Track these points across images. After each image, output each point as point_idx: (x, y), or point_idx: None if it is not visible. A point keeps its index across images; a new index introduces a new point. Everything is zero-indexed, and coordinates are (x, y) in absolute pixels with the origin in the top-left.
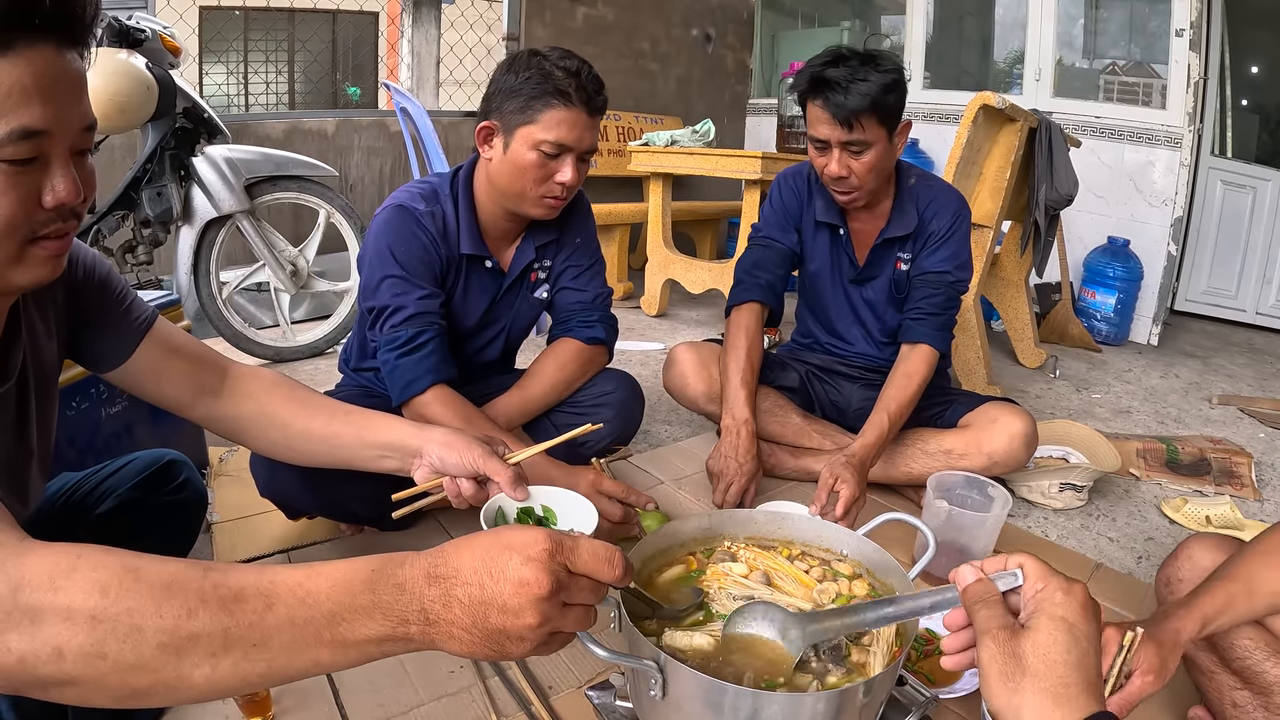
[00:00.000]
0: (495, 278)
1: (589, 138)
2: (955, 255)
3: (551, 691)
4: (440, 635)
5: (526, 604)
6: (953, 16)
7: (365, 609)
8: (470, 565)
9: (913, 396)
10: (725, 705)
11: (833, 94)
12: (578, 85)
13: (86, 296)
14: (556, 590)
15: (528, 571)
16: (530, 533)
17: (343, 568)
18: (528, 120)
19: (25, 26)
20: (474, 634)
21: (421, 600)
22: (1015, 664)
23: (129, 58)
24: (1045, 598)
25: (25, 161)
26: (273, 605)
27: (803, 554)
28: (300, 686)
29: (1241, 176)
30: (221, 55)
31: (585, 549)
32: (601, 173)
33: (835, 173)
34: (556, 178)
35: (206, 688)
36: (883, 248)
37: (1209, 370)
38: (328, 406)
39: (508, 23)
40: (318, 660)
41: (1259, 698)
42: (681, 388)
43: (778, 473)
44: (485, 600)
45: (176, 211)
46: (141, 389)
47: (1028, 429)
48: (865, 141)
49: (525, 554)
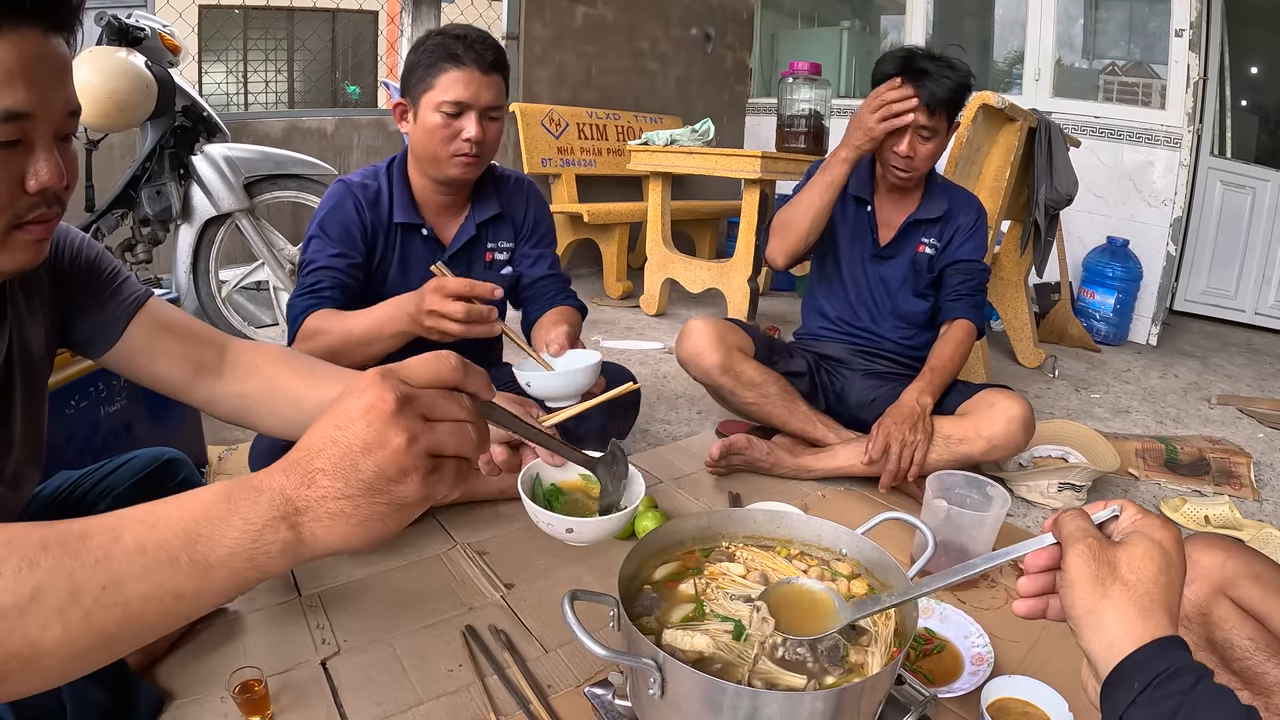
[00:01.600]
0: (434, 248)
1: (486, 94)
2: (981, 247)
3: (550, 690)
4: (317, 521)
5: (383, 426)
6: (952, 16)
7: (222, 518)
8: (318, 435)
9: (953, 354)
10: (724, 704)
11: (924, 80)
12: (465, 45)
13: (74, 280)
14: (405, 401)
15: (366, 398)
16: (360, 380)
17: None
18: (428, 87)
19: (12, 10)
20: (352, 497)
21: (283, 491)
22: (1109, 570)
23: (128, 56)
24: (1145, 524)
25: (9, 145)
26: (119, 537)
27: (801, 554)
28: (300, 685)
29: (1241, 177)
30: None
31: (413, 360)
32: (601, 172)
33: (905, 151)
34: (462, 135)
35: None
36: (910, 229)
37: (1208, 370)
38: (343, 375)
39: (507, 22)
40: (179, 591)
41: (1260, 699)
42: (695, 356)
43: (776, 472)
44: (345, 452)
45: (176, 210)
46: (136, 371)
47: (1025, 413)
48: (934, 130)
49: (357, 389)
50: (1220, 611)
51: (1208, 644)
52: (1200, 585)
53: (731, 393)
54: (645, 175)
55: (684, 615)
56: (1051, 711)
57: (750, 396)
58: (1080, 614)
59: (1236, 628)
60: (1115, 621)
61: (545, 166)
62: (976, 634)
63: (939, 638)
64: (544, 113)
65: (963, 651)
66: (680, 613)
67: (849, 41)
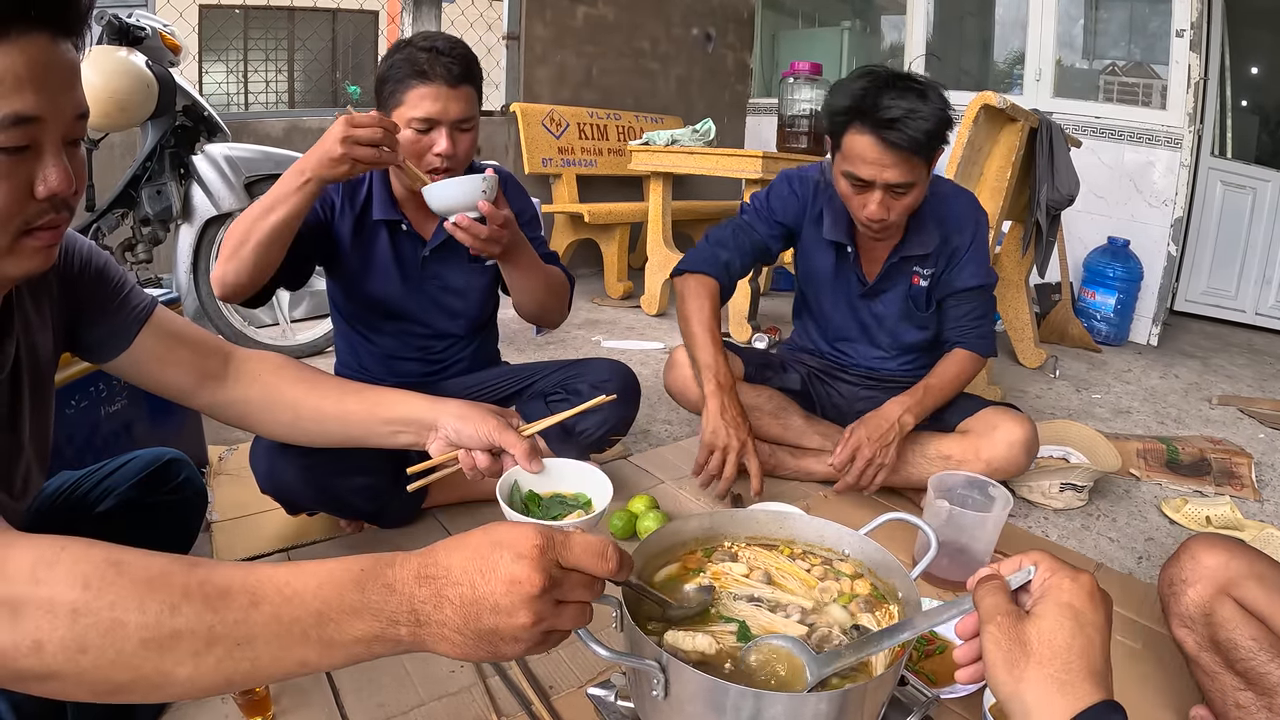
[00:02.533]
0: (415, 243)
1: (454, 108)
2: (980, 266)
3: (552, 691)
4: (431, 637)
5: (519, 602)
6: (953, 17)
7: (354, 609)
8: (461, 565)
9: (954, 377)
10: (727, 706)
11: (888, 130)
12: (432, 59)
13: (82, 287)
14: (549, 588)
15: (519, 569)
16: (521, 529)
17: (330, 566)
18: (398, 103)
19: (20, 15)
20: (466, 634)
21: (412, 601)
22: (1020, 650)
23: (129, 56)
24: (1052, 585)
25: (18, 150)
26: (258, 603)
27: (804, 553)
28: (300, 686)
29: (1241, 177)
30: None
31: (578, 544)
32: (602, 172)
33: (876, 215)
34: (433, 150)
35: (189, 685)
36: (898, 265)
37: (1209, 371)
38: (337, 385)
39: (508, 22)
40: (304, 660)
41: (1263, 699)
42: (683, 390)
43: (779, 473)
44: (477, 600)
45: (176, 210)
46: (143, 378)
47: (1028, 435)
48: (911, 183)
49: (516, 551)
50: (1224, 612)
51: (1211, 644)
52: (1204, 586)
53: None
54: (646, 175)
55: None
56: None
57: None
58: (1003, 698)
59: (1240, 628)
60: (1036, 703)
61: (546, 166)
62: None
63: (941, 639)
64: (545, 113)
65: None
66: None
67: (850, 42)
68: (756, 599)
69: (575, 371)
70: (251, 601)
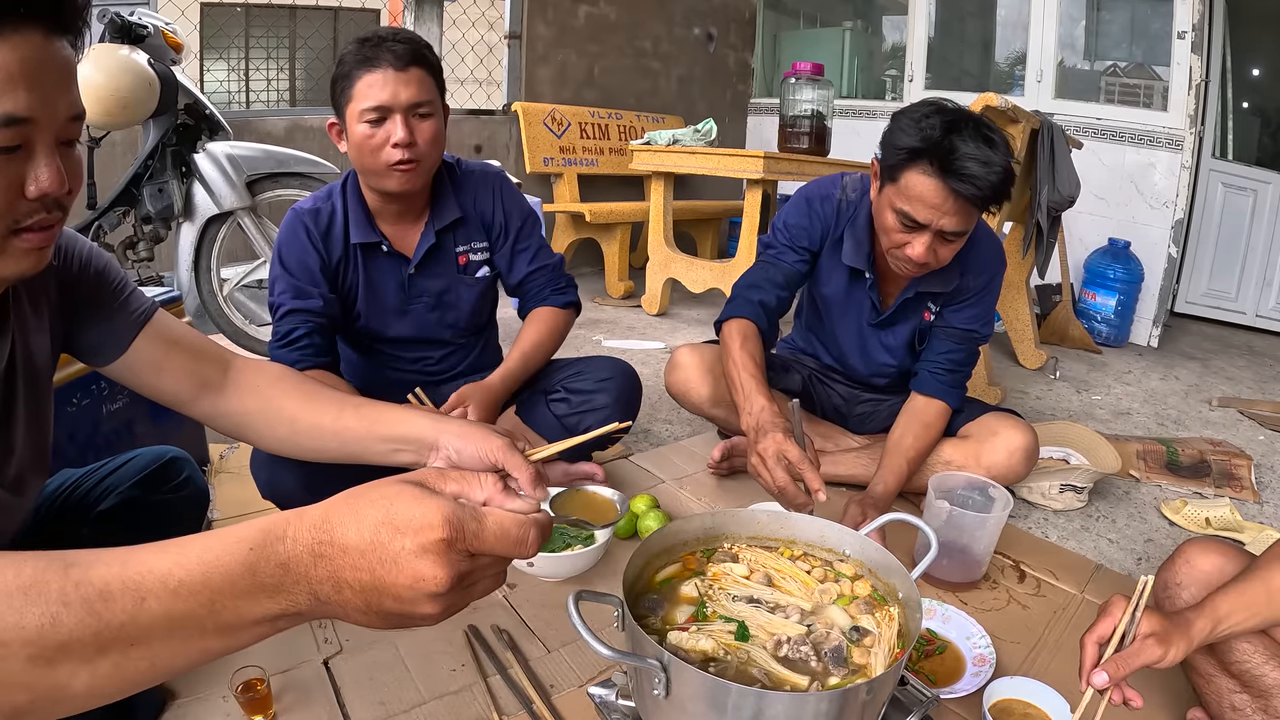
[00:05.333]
0: (398, 263)
1: (406, 91)
2: (983, 314)
3: (553, 690)
4: (334, 613)
5: (422, 597)
6: (954, 17)
7: (247, 592)
8: (357, 545)
9: (928, 447)
10: (728, 705)
11: (961, 181)
12: (375, 45)
13: (81, 289)
14: (457, 582)
15: (423, 566)
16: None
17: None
18: (349, 99)
19: (13, 12)
20: (369, 615)
21: (309, 581)
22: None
23: (131, 54)
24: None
25: (9, 149)
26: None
27: (805, 554)
28: (302, 684)
29: (1242, 179)
30: (223, 52)
31: (491, 531)
32: (603, 171)
33: (921, 259)
34: (390, 140)
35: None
36: (914, 299)
37: (1209, 372)
38: (336, 400)
39: (509, 21)
40: (206, 649)
41: (1258, 701)
42: (685, 392)
43: None
44: (376, 587)
45: (178, 208)
46: (140, 383)
47: (1028, 443)
48: (965, 232)
49: (418, 542)
50: None
51: (1206, 648)
52: (1199, 589)
53: (725, 421)
54: (647, 175)
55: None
56: (1053, 713)
57: None
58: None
59: None
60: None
61: (547, 166)
62: (978, 635)
63: (941, 639)
64: (546, 112)
65: (965, 653)
66: (684, 613)
67: (851, 42)
68: (756, 600)
69: (576, 370)
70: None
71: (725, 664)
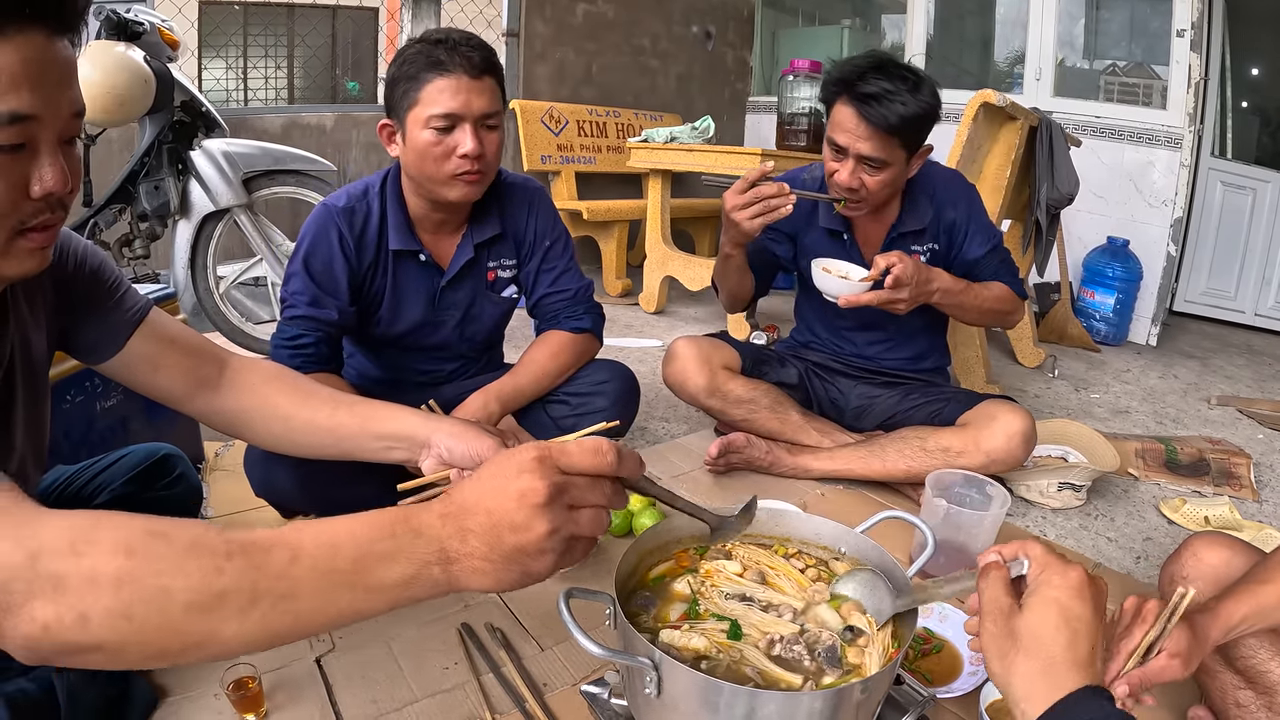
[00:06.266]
0: (432, 273)
1: (478, 101)
2: (987, 231)
3: (546, 689)
4: (463, 571)
5: (532, 513)
6: (953, 15)
7: (388, 554)
8: (474, 495)
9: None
10: (721, 704)
11: (866, 105)
12: (449, 50)
13: (77, 288)
14: (557, 494)
15: (523, 483)
16: (518, 450)
17: (360, 519)
18: (414, 103)
19: (16, 13)
20: (493, 560)
21: (440, 540)
22: (1010, 642)
23: (127, 51)
24: (1043, 580)
25: (13, 149)
26: (298, 556)
27: (799, 552)
28: (294, 682)
29: (1241, 178)
30: (220, 49)
31: (573, 448)
32: (601, 169)
33: (845, 183)
34: (458, 151)
35: (235, 643)
36: (896, 241)
37: (1208, 371)
38: (331, 398)
39: (507, 19)
40: (345, 608)
41: (1263, 698)
42: (681, 382)
43: (775, 471)
44: (495, 523)
45: (174, 205)
46: (136, 381)
47: (1026, 427)
48: (884, 161)
49: (517, 468)
50: None
51: None
52: (1205, 583)
53: (721, 412)
54: (645, 173)
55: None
56: None
57: (740, 413)
58: (998, 687)
59: None
60: (1023, 691)
61: (545, 164)
62: None
63: (938, 637)
64: (544, 110)
65: (962, 651)
66: (677, 611)
67: (850, 40)
68: (749, 598)
69: (574, 372)
70: (292, 556)
71: (717, 662)
